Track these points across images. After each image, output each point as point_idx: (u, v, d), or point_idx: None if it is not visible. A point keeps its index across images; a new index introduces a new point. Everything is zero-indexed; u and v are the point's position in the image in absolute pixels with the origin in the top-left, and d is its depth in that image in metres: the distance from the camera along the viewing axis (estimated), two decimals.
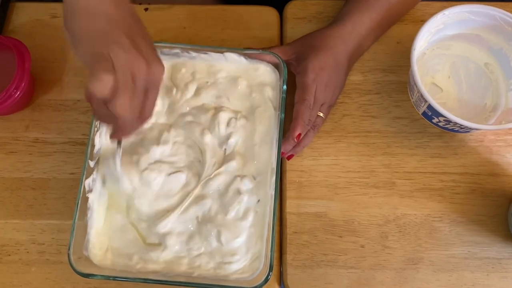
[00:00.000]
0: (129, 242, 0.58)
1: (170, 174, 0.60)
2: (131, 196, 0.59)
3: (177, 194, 0.60)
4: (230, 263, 0.57)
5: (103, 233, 0.58)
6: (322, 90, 0.62)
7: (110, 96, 0.46)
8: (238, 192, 0.58)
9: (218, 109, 0.62)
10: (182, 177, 0.60)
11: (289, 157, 0.63)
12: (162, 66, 0.50)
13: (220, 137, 0.61)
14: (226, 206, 0.58)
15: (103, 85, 0.45)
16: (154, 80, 0.49)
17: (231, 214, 0.58)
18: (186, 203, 0.59)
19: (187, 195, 0.59)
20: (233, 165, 0.60)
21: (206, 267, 0.57)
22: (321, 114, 0.63)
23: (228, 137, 0.61)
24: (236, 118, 0.62)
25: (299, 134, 0.60)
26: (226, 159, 0.60)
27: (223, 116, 0.61)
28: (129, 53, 0.47)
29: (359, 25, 0.65)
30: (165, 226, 0.58)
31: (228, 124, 0.61)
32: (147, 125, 0.61)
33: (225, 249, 0.57)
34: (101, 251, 0.57)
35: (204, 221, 0.58)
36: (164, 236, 0.58)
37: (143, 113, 0.51)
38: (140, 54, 0.47)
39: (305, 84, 0.62)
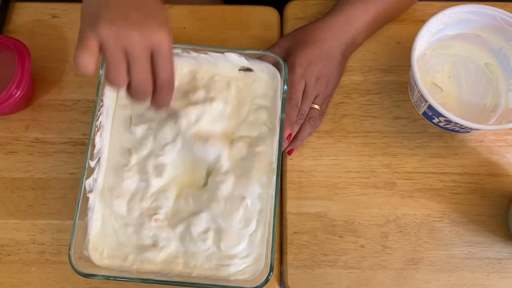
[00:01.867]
0: (122, 243, 0.58)
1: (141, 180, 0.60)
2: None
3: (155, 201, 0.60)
4: (228, 265, 0.57)
5: (100, 234, 0.58)
6: (313, 83, 0.63)
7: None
8: (242, 198, 0.58)
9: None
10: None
11: (289, 152, 0.64)
12: (163, 28, 0.48)
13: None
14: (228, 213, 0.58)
15: (84, 65, 0.45)
16: (155, 45, 0.48)
17: (234, 221, 0.58)
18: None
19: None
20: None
21: (204, 267, 0.57)
22: (316, 106, 0.64)
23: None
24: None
25: (289, 134, 0.61)
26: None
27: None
28: (113, 26, 0.46)
29: (353, 17, 0.65)
30: (149, 232, 0.58)
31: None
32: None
33: (224, 254, 0.57)
34: (98, 251, 0.57)
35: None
36: (155, 237, 0.58)
37: (160, 81, 0.49)
38: (130, 25, 0.47)
39: (292, 82, 0.62)
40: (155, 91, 0.50)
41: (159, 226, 0.58)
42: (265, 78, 0.63)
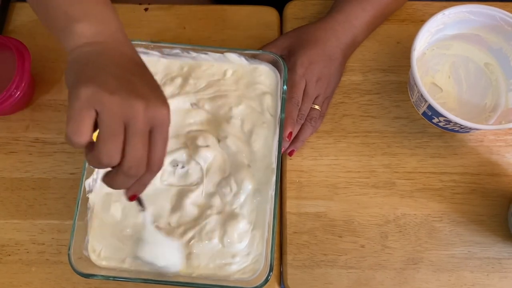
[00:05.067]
0: (118, 246, 0.58)
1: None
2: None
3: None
4: (230, 264, 0.57)
5: (97, 235, 0.58)
6: (314, 83, 0.63)
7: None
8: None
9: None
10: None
11: (290, 153, 0.64)
12: (166, 106, 0.43)
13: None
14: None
15: (80, 134, 0.40)
16: (157, 122, 0.42)
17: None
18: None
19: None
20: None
21: (206, 268, 0.57)
22: (316, 107, 0.64)
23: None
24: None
25: (290, 133, 0.61)
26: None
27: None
28: (116, 94, 0.41)
29: (351, 16, 0.65)
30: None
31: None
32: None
33: (226, 250, 0.57)
34: (95, 253, 0.57)
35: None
36: None
37: (152, 161, 0.44)
38: (135, 95, 0.42)
39: (293, 81, 0.62)
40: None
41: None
42: (267, 70, 0.63)
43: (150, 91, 0.44)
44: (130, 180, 0.44)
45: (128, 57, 0.47)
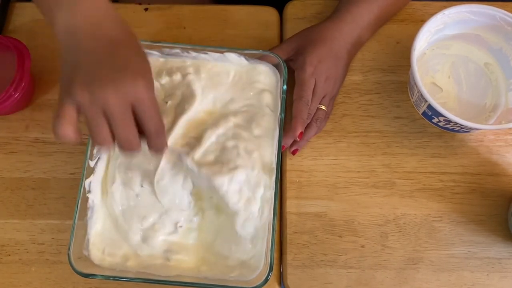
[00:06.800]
0: (120, 245, 0.58)
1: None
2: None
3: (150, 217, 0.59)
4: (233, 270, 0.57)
5: (100, 234, 0.58)
6: (322, 83, 0.63)
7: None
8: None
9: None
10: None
11: (293, 152, 0.64)
12: (139, 83, 0.46)
13: None
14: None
15: (63, 136, 0.45)
16: (132, 99, 0.46)
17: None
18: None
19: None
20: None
21: (212, 272, 0.57)
22: (323, 107, 0.64)
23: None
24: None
25: (301, 133, 0.61)
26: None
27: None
28: (86, 91, 0.45)
29: (358, 17, 0.65)
30: (152, 245, 0.58)
31: None
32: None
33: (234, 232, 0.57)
34: (99, 252, 0.57)
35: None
36: (168, 252, 0.58)
37: (148, 132, 0.48)
38: (103, 83, 0.45)
39: (303, 80, 0.62)
40: (147, 139, 0.49)
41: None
42: (266, 70, 0.63)
43: (118, 72, 0.46)
44: (131, 151, 0.48)
45: (102, 35, 0.48)
